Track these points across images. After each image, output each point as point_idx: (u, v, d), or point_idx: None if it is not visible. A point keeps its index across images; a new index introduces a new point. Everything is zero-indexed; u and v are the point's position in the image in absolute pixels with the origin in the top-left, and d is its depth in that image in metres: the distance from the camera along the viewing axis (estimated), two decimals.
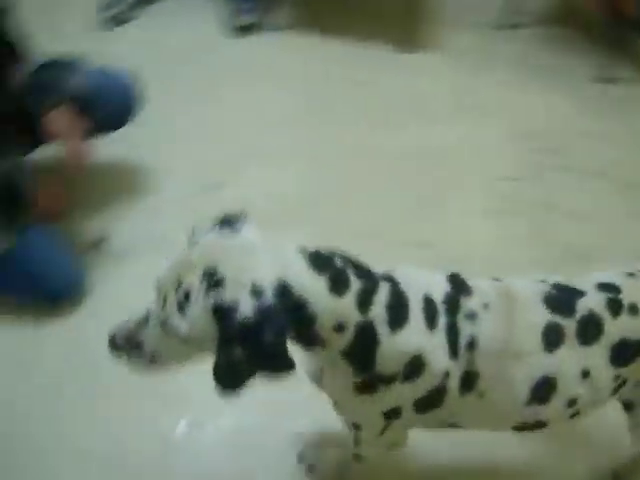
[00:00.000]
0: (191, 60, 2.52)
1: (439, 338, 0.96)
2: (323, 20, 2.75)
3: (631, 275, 1.07)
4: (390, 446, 1.18)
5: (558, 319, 1.00)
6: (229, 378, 0.86)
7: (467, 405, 1.00)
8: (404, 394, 0.99)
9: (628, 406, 1.21)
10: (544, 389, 1.00)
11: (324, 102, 2.41)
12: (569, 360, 0.99)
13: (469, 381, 0.98)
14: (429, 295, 0.97)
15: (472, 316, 0.98)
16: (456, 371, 0.97)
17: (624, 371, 1.04)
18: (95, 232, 1.81)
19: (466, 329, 0.97)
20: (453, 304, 0.98)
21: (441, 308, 0.97)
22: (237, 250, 0.87)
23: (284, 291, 0.84)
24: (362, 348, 0.93)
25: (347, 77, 2.52)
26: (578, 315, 1.00)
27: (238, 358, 0.82)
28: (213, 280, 0.83)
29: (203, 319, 0.83)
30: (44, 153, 1.82)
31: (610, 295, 1.03)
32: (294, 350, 0.88)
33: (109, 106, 1.77)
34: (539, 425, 1.07)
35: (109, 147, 1.91)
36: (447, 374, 0.97)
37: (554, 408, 1.02)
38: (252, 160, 2.11)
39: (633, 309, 1.02)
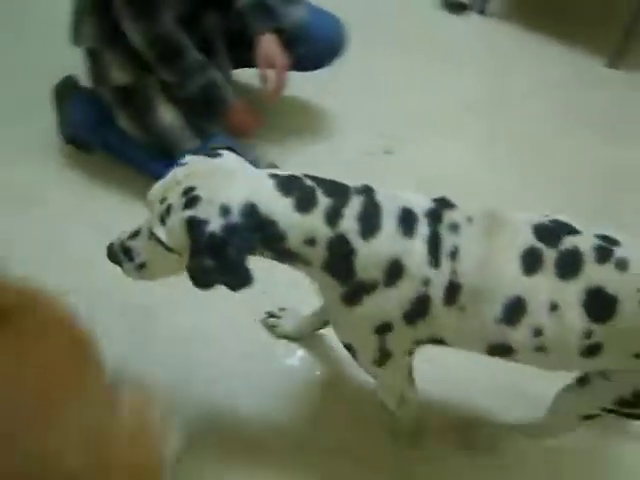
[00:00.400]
0: (395, 23, 2.57)
1: (418, 245, 0.99)
2: (530, 13, 2.71)
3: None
4: (396, 390, 1.25)
5: (540, 245, 1.01)
6: (200, 280, 0.98)
7: (450, 318, 1.03)
8: (389, 303, 1.02)
9: (581, 381, 1.17)
10: (515, 310, 1.00)
11: (509, 94, 2.38)
12: (542, 288, 1.00)
13: (452, 293, 1.01)
14: (409, 207, 1.02)
15: (455, 227, 1.01)
16: (439, 281, 1.00)
17: (598, 330, 0.99)
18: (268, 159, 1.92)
19: (448, 239, 1.01)
20: (435, 216, 1.02)
21: (422, 219, 1.01)
22: (215, 173, 0.99)
23: (251, 211, 0.95)
24: (339, 260, 0.99)
25: (540, 76, 2.46)
26: (562, 247, 1.01)
27: (207, 266, 0.95)
28: (190, 197, 0.95)
29: (178, 230, 0.96)
30: (245, 74, 1.95)
31: (604, 243, 1.01)
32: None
33: (315, 45, 1.83)
34: (507, 351, 1.06)
35: (298, 84, 1.97)
36: (428, 281, 1.00)
37: (521, 333, 1.02)
38: (429, 130, 2.13)
39: (622, 264, 0.99)
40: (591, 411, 1.19)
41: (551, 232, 1.03)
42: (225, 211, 0.94)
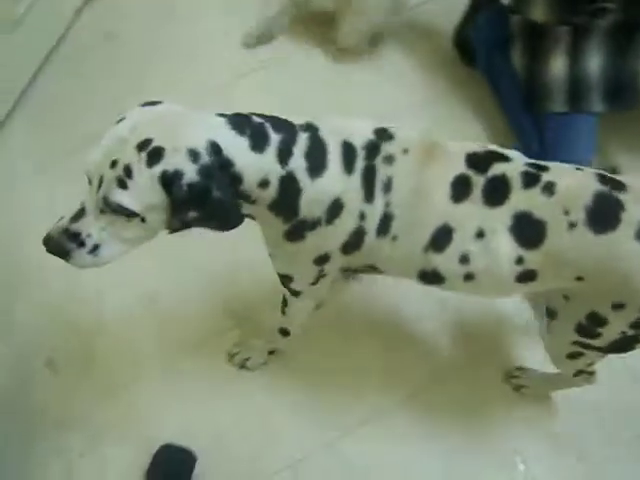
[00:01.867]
0: None
1: (355, 182, 1.02)
2: None
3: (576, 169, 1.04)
4: (319, 300, 1.29)
5: (470, 173, 1.03)
6: (179, 230, 0.95)
7: (382, 248, 1.07)
8: (329, 238, 1.05)
9: (550, 314, 1.19)
10: (442, 238, 1.03)
11: None
12: (469, 215, 1.02)
13: (385, 223, 1.04)
14: (349, 140, 1.03)
15: (390, 159, 1.03)
16: (373, 214, 1.03)
17: (530, 257, 1.01)
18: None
19: (382, 172, 1.03)
20: (372, 149, 1.04)
21: (360, 153, 1.03)
22: (164, 119, 0.93)
23: (217, 150, 0.91)
24: (286, 198, 1.00)
25: None
26: (490, 174, 1.02)
27: (192, 218, 0.92)
28: (151, 151, 0.88)
29: (150, 190, 0.89)
30: None
31: (532, 169, 1.03)
32: None
33: None
34: (437, 278, 1.08)
35: None
36: (364, 216, 1.03)
37: (448, 258, 1.04)
38: None
39: (548, 188, 1.00)
40: (568, 347, 1.20)
41: (480, 160, 1.05)
42: (194, 155, 0.89)
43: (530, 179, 1.01)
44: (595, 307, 1.06)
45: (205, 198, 0.90)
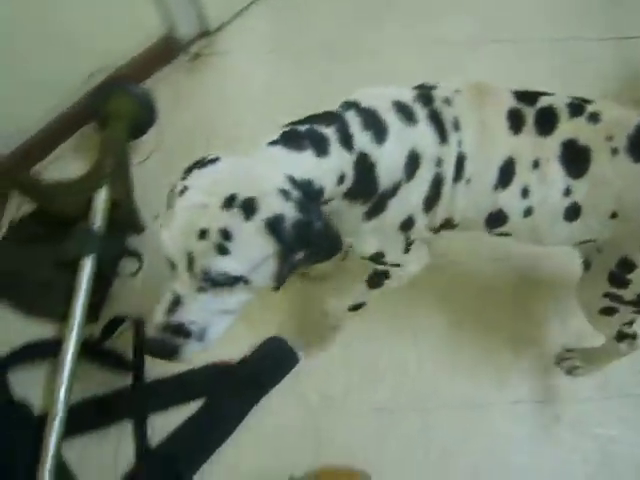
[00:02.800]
0: None
1: (424, 128, 1.01)
2: None
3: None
4: (423, 264, 1.26)
5: (521, 106, 1.05)
6: (286, 279, 0.89)
7: (458, 196, 1.06)
8: (410, 196, 1.03)
9: (586, 265, 1.23)
10: (507, 171, 1.04)
11: None
12: (526, 146, 1.04)
13: (460, 165, 1.04)
14: (397, 99, 1.02)
15: (447, 100, 1.04)
16: (448, 155, 1.03)
17: (576, 186, 1.03)
18: None
19: (447, 112, 1.03)
20: (425, 98, 1.04)
21: (415, 104, 1.02)
22: (234, 171, 0.87)
23: (294, 181, 0.87)
24: (363, 179, 0.97)
25: None
26: (538, 105, 1.06)
27: (299, 260, 0.87)
28: (242, 205, 0.81)
29: (256, 245, 0.82)
30: None
31: (576, 101, 1.07)
32: None
33: None
34: (502, 218, 1.09)
35: None
36: (440, 161, 1.02)
37: (512, 194, 1.05)
38: None
39: (593, 117, 1.03)
40: (600, 300, 1.21)
41: (526, 94, 1.08)
42: (285, 194, 0.84)
43: (576, 109, 1.05)
44: (625, 252, 1.09)
45: (310, 233, 0.85)
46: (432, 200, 1.06)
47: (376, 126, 0.98)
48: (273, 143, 0.92)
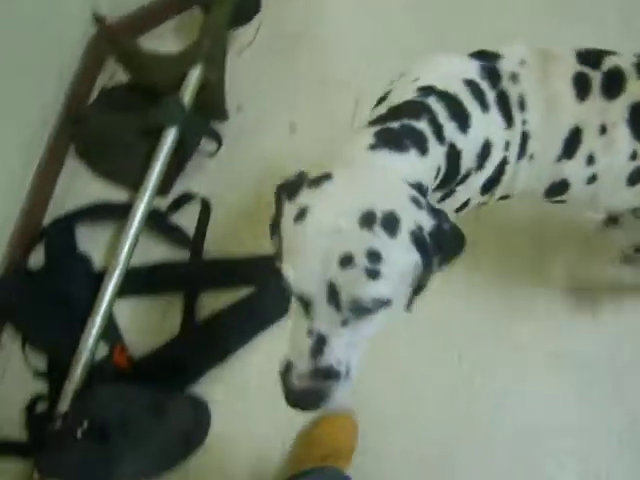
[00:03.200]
0: None
1: (494, 114, 0.98)
2: None
3: None
4: None
5: (586, 70, 1.00)
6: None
7: (519, 173, 1.04)
8: (474, 183, 1.02)
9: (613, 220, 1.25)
10: (573, 141, 1.01)
11: None
12: (593, 112, 0.99)
13: (523, 144, 1.01)
14: (467, 78, 0.98)
15: (514, 77, 1.00)
16: (514, 137, 1.00)
17: None
18: None
19: (513, 92, 0.99)
20: (492, 75, 0.99)
21: (483, 84, 0.98)
22: (359, 187, 0.80)
23: (413, 185, 0.83)
24: (450, 169, 0.95)
25: None
26: (604, 67, 1.00)
27: (436, 267, 0.81)
28: (383, 221, 0.75)
29: (406, 262, 0.77)
30: None
31: None
32: None
33: None
34: (563, 188, 1.06)
35: None
36: (507, 144, 1.00)
37: (577, 163, 1.02)
38: None
39: None
40: None
41: (590, 56, 1.02)
42: (416, 201, 0.80)
43: None
44: None
45: (444, 236, 0.80)
46: (493, 182, 1.04)
47: (460, 114, 0.95)
48: (374, 147, 0.85)
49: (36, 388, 1.60)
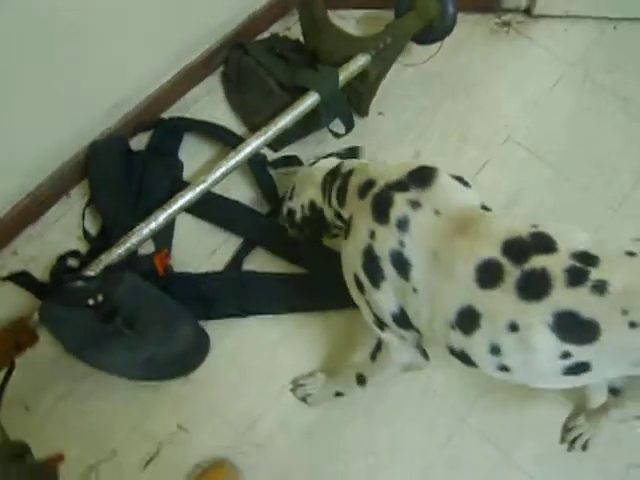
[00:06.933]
0: None
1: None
2: None
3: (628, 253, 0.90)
4: None
5: (503, 261, 0.93)
6: None
7: (403, 288, 1.04)
8: None
9: (614, 391, 1.15)
10: (467, 319, 0.96)
11: None
12: (498, 303, 0.93)
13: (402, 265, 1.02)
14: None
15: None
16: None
17: (577, 351, 0.89)
18: None
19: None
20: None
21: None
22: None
23: None
24: None
25: None
26: (527, 266, 0.92)
27: None
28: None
29: None
30: None
31: (580, 264, 0.89)
32: None
33: None
34: (465, 359, 1.03)
35: None
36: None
37: (478, 346, 0.97)
38: None
39: (598, 288, 0.86)
40: None
41: (517, 248, 0.95)
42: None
43: (578, 277, 0.89)
44: None
45: None
46: None
47: None
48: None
49: (76, 246, 1.65)
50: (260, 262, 1.66)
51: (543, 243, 0.95)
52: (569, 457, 1.49)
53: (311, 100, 1.66)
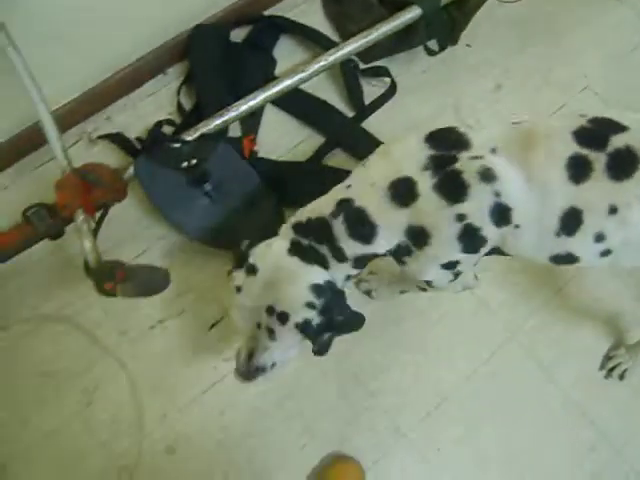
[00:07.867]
0: None
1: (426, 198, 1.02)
2: None
3: None
4: None
5: (585, 152, 0.96)
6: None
7: (507, 236, 1.05)
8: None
9: None
10: (570, 220, 0.99)
11: None
12: (594, 194, 0.97)
13: (501, 213, 1.01)
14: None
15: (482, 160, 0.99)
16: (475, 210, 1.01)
17: None
18: None
19: (473, 166, 0.99)
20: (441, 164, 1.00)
21: (419, 176, 1.01)
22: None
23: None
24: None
25: None
26: (610, 149, 0.96)
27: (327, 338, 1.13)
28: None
29: (292, 337, 1.11)
30: None
31: None
32: None
33: None
34: (570, 259, 1.05)
35: None
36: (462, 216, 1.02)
37: (582, 241, 1.01)
38: None
39: None
40: None
41: (596, 134, 0.98)
42: (311, 305, 1.08)
43: None
44: None
45: (334, 323, 1.09)
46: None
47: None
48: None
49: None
50: (339, 162, 1.72)
51: (612, 125, 1.00)
52: (606, 384, 1.57)
53: (412, 14, 1.71)
